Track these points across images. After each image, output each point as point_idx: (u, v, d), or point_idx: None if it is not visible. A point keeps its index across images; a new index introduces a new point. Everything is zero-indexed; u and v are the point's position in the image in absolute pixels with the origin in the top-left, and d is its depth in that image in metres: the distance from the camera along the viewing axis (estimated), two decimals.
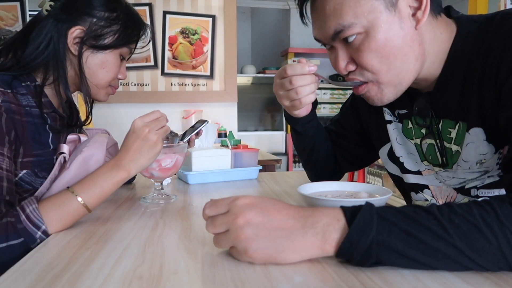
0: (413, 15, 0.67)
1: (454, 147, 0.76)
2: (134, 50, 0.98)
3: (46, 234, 0.68)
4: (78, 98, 1.99)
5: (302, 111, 0.88)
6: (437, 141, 0.78)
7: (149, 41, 1.00)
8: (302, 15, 0.75)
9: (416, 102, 0.79)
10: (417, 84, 0.76)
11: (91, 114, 0.97)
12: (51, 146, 0.86)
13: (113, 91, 0.98)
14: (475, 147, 0.71)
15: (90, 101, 0.94)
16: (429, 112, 0.77)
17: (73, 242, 0.64)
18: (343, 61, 0.72)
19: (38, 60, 0.85)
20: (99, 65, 0.90)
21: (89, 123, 0.98)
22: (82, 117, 0.99)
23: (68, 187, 0.75)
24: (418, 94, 0.79)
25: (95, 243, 0.64)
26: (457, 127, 0.74)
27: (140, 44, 0.99)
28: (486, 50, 0.67)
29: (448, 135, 0.76)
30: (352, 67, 0.72)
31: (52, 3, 0.88)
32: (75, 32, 0.86)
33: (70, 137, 0.90)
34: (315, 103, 0.93)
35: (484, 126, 0.70)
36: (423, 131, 0.81)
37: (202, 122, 1.06)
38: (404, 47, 0.67)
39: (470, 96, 0.70)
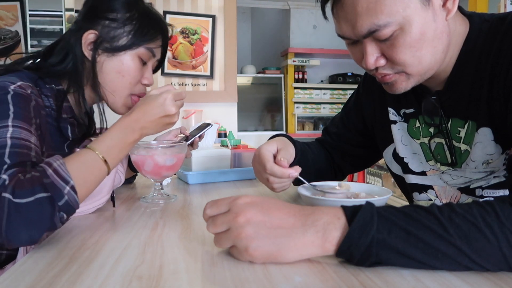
0: (443, 5, 0.66)
1: (463, 146, 0.75)
2: (158, 54, 0.94)
3: (74, 190, 0.64)
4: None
5: None
6: (446, 140, 0.78)
7: (170, 36, 0.99)
8: (323, 11, 0.71)
9: (425, 101, 0.78)
10: (428, 82, 0.75)
11: (105, 122, 0.96)
12: (66, 151, 0.86)
13: (134, 102, 0.93)
14: (483, 147, 0.71)
15: (102, 109, 0.92)
16: (438, 111, 0.77)
17: (72, 242, 0.64)
18: (372, 56, 0.68)
19: (59, 68, 0.86)
20: (115, 69, 0.88)
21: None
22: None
23: (87, 146, 0.73)
24: (426, 92, 0.78)
25: (95, 243, 0.64)
26: (466, 126, 0.74)
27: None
28: (496, 50, 0.67)
29: (457, 134, 0.76)
30: (382, 62, 0.69)
31: (78, 16, 0.89)
32: (88, 36, 0.86)
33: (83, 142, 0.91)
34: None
35: (493, 126, 0.70)
36: (431, 130, 0.80)
37: (206, 125, 1.06)
38: (435, 40, 0.66)
39: (479, 96, 0.70)
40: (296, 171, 0.79)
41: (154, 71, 0.98)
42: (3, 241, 0.59)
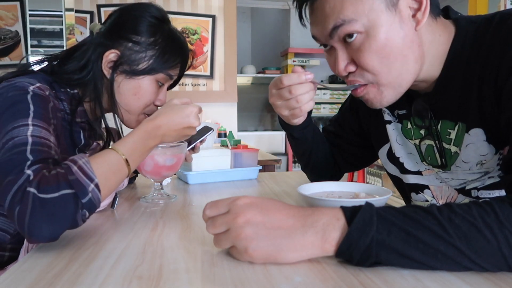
0: (413, 16, 0.67)
1: (453, 148, 0.75)
2: (176, 77, 0.96)
3: (98, 188, 0.64)
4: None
5: (301, 119, 0.86)
6: (436, 142, 0.78)
7: (190, 66, 1.06)
8: (301, 17, 0.74)
9: (415, 103, 0.78)
10: (415, 86, 0.75)
11: (122, 135, 0.97)
12: (77, 154, 0.87)
13: None
14: (475, 148, 0.71)
15: (120, 125, 0.93)
16: (427, 113, 0.77)
17: (73, 242, 0.64)
18: (343, 61, 0.70)
19: (78, 81, 0.86)
20: (131, 91, 0.89)
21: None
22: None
23: (110, 147, 0.73)
24: (416, 95, 0.78)
25: (95, 243, 0.64)
26: (456, 128, 0.74)
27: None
28: (485, 51, 0.67)
29: (447, 136, 0.76)
30: (352, 68, 0.70)
31: (102, 26, 0.89)
32: (110, 56, 0.86)
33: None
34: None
35: (484, 126, 0.69)
36: (422, 132, 0.80)
37: (208, 129, 1.05)
38: (404, 48, 0.67)
39: (469, 97, 0.70)
40: (311, 74, 0.78)
41: (168, 88, 0.99)
42: (24, 235, 0.59)
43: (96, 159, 0.68)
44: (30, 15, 2.53)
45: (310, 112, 0.91)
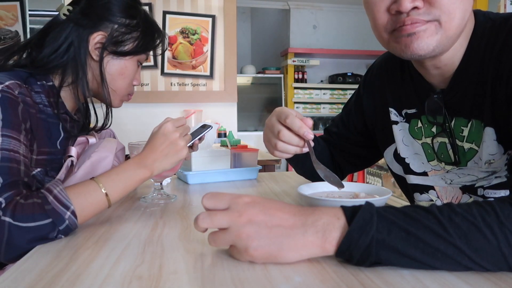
0: None
1: (466, 145, 0.75)
2: (148, 57, 1.00)
3: (74, 214, 0.66)
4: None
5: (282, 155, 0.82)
6: (450, 139, 0.77)
7: (166, 49, 1.06)
8: None
9: (428, 99, 0.78)
10: (433, 78, 0.75)
11: (111, 118, 0.98)
12: (59, 147, 0.86)
13: (129, 98, 0.99)
14: (486, 146, 0.71)
15: (109, 106, 0.95)
16: (442, 110, 0.76)
17: (73, 242, 0.64)
18: None
19: (56, 63, 0.86)
20: (118, 71, 0.91)
21: (108, 127, 1.00)
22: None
23: (92, 178, 0.74)
24: (430, 91, 0.78)
25: (95, 243, 0.64)
26: (469, 125, 0.74)
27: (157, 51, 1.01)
28: (499, 50, 0.67)
29: (460, 133, 0.76)
30: (419, 4, 0.63)
31: (70, 7, 0.88)
32: (97, 37, 0.87)
33: (79, 139, 0.91)
34: None
35: (496, 126, 0.70)
36: (434, 129, 0.80)
37: (206, 127, 1.05)
38: (470, 2, 0.65)
39: (484, 95, 0.70)
40: (312, 135, 0.76)
41: None
42: (0, 257, 0.62)
43: (75, 189, 0.70)
44: (30, 15, 2.53)
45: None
